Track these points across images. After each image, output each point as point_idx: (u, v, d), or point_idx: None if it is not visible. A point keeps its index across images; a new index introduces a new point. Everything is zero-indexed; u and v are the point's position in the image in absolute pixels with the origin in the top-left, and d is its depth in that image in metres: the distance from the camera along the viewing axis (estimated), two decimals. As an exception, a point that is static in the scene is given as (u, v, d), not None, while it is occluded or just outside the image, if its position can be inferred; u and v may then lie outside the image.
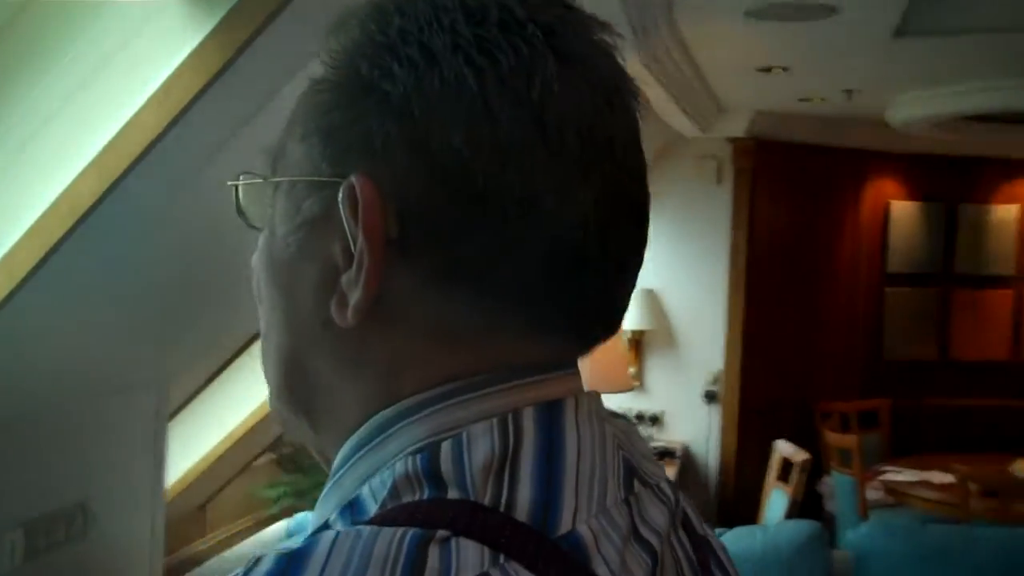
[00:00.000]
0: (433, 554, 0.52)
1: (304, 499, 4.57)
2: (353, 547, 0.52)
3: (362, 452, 0.62)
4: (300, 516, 3.42)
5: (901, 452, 6.10)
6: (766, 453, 5.17)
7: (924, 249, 6.91)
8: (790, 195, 6.28)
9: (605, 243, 0.62)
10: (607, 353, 4.26)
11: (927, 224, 6.91)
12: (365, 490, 0.60)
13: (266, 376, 0.71)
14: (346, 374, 0.64)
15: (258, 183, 0.71)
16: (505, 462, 0.58)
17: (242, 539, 3.80)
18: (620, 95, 0.65)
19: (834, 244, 6.74)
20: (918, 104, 5.45)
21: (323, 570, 0.51)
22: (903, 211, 6.85)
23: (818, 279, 6.64)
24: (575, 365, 0.66)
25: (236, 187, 0.73)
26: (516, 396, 0.61)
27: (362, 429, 0.63)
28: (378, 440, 0.62)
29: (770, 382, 6.27)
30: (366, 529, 0.53)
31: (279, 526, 3.41)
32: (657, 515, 0.64)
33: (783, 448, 5.05)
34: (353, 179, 0.60)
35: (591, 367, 0.68)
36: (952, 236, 6.96)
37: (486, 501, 0.56)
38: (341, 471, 0.63)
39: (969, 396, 6.88)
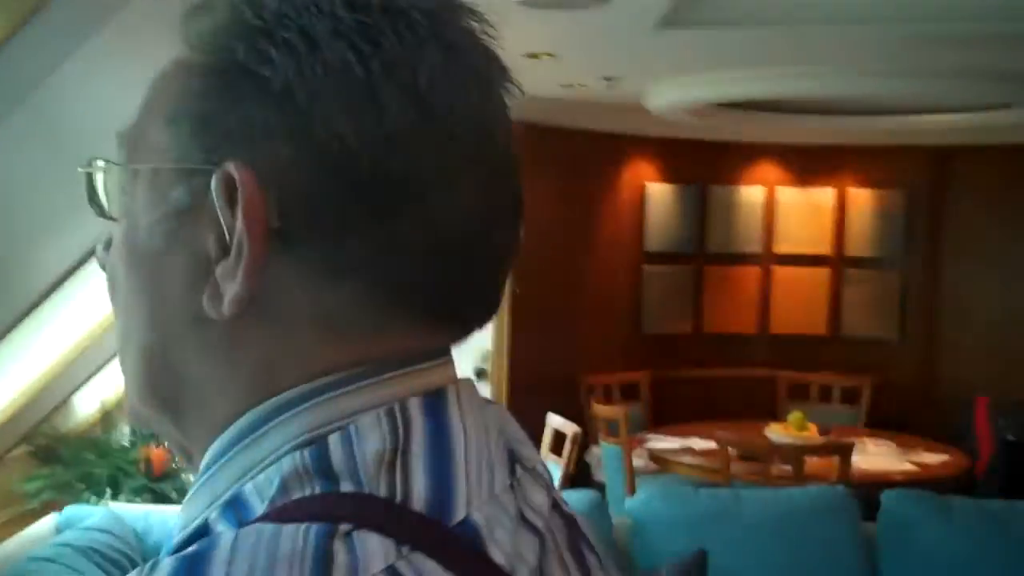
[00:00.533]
0: (339, 549, 0.51)
1: (65, 493, 4.36)
2: (256, 546, 0.51)
3: (236, 448, 0.60)
4: (70, 511, 3.26)
5: (661, 421, 6.40)
6: (538, 427, 5.32)
7: (679, 229, 7.24)
8: (556, 178, 6.45)
9: (488, 233, 0.62)
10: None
11: (681, 205, 7.24)
12: (248, 487, 0.58)
13: (125, 373, 0.68)
14: (218, 369, 0.62)
15: (115, 169, 0.67)
16: (396, 453, 0.57)
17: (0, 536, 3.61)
18: (497, 85, 0.64)
19: (596, 225, 6.98)
20: (674, 91, 5.71)
21: (228, 572, 0.50)
22: (659, 192, 7.16)
23: (581, 258, 6.86)
24: (450, 353, 0.66)
25: (89, 174, 0.68)
26: (398, 386, 0.60)
27: (235, 425, 0.60)
28: (253, 436, 0.59)
29: (538, 358, 6.44)
30: (266, 527, 0.52)
31: (47, 522, 3.25)
32: (538, 498, 0.65)
33: (554, 421, 5.21)
34: (231, 167, 0.58)
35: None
36: (704, 216, 7.33)
37: (381, 493, 0.55)
38: (212, 468, 0.61)
39: (720, 366, 7.30)
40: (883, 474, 4.97)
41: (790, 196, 7.43)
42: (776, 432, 5.51)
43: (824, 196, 7.42)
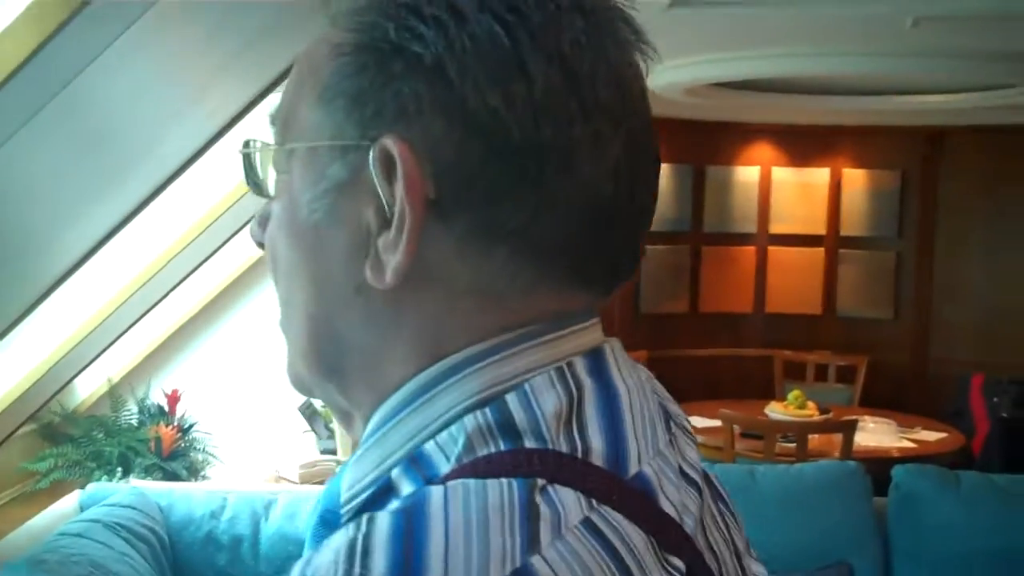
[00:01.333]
0: (540, 502, 0.53)
1: (75, 472, 4.37)
2: (467, 499, 0.52)
3: (407, 411, 0.62)
4: (93, 488, 3.27)
5: (661, 401, 6.42)
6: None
7: (675, 208, 7.27)
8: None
9: (632, 192, 0.64)
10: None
11: (678, 184, 7.28)
12: (429, 446, 0.60)
13: (289, 343, 0.70)
14: (383, 336, 0.64)
15: (271, 150, 0.69)
16: (572, 411, 0.59)
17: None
18: (634, 47, 0.66)
19: (593, 204, 6.99)
20: (672, 71, 5.72)
21: (446, 523, 0.51)
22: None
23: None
24: (597, 312, 0.68)
25: (247, 155, 0.71)
26: (561, 347, 0.62)
27: (405, 388, 0.63)
28: (425, 398, 0.62)
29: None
30: (470, 481, 0.54)
31: (71, 500, 3.26)
32: (692, 453, 0.68)
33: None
34: (388, 142, 0.60)
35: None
36: (701, 196, 7.37)
37: (564, 449, 0.57)
38: (383, 429, 0.63)
39: (717, 346, 7.35)
40: (883, 451, 5.03)
41: (786, 176, 7.47)
42: (776, 410, 5.56)
43: (819, 176, 7.47)
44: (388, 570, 0.49)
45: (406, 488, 0.60)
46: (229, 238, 3.96)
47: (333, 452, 4.49)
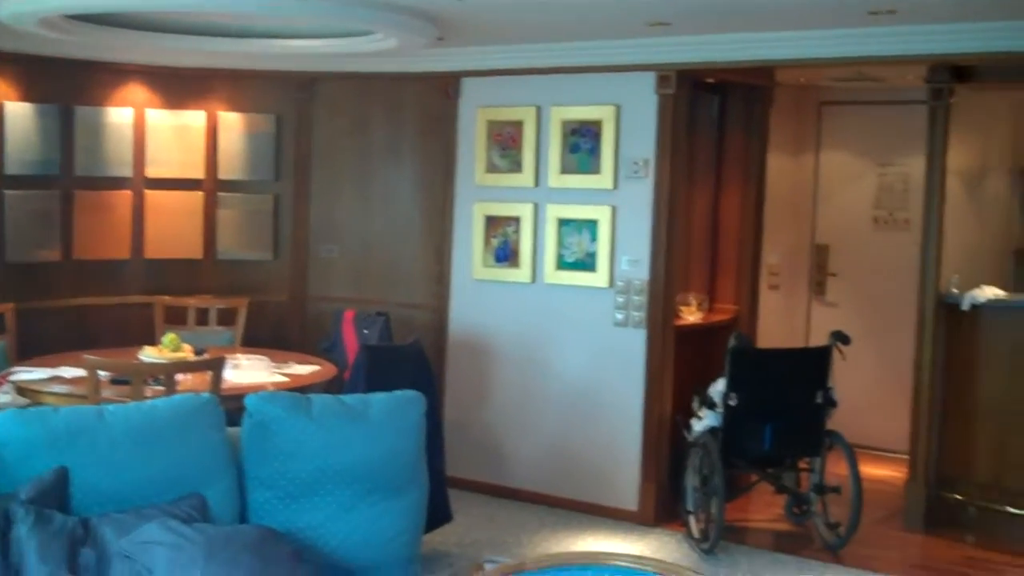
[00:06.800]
0: None
1: None
2: None
3: None
4: None
5: (30, 353, 6.05)
6: None
7: (42, 152, 6.81)
8: None
9: None
10: None
11: (45, 126, 6.82)
12: None
13: None
14: None
15: None
16: None
17: None
18: None
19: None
20: (21, 1, 5.33)
21: None
22: (18, 112, 6.67)
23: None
24: None
25: None
26: None
27: None
28: None
29: None
30: None
31: None
32: None
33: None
34: None
35: None
36: (70, 139, 6.96)
37: None
38: None
39: (95, 295, 7.06)
40: (256, 386, 5.13)
41: (161, 119, 7.30)
42: (150, 355, 5.47)
43: (196, 119, 7.39)
44: None
45: None
46: None
47: None
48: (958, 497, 6.45)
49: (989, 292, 6.38)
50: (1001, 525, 6.25)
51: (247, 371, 5.58)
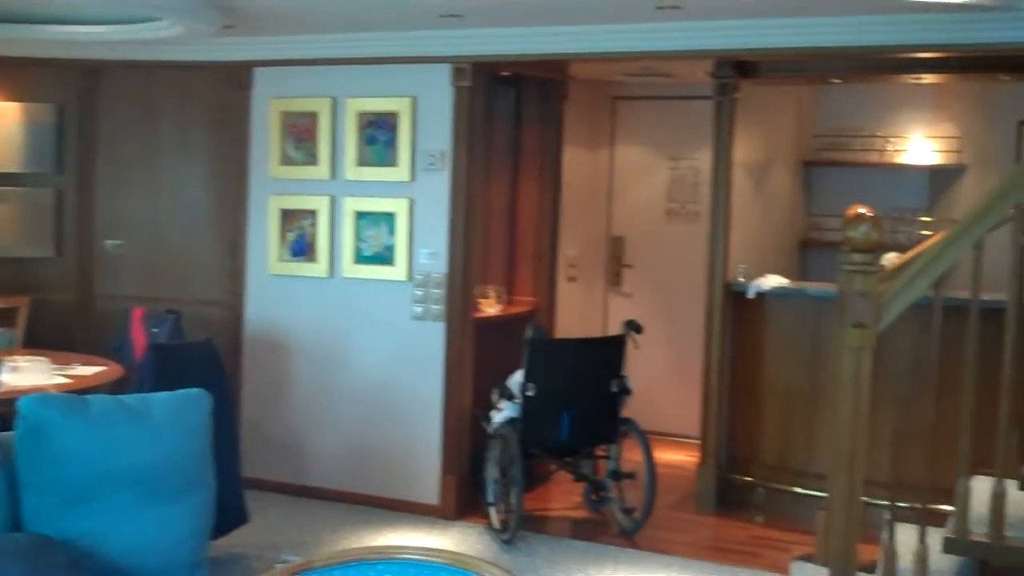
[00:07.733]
0: None
1: None
2: None
3: None
4: None
5: None
6: None
7: None
8: None
9: None
10: None
11: None
12: None
13: None
14: None
15: None
16: None
17: None
18: None
19: None
20: None
21: None
22: None
23: None
24: None
25: None
26: None
27: None
28: None
29: None
30: None
31: None
32: None
33: None
34: None
35: None
36: None
37: None
38: None
39: None
40: (34, 389, 4.86)
41: (-72, 108, 6.86)
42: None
43: (-31, 110, 6.98)
44: None
45: None
46: None
47: None
48: (747, 479, 6.72)
49: (773, 281, 6.66)
50: (788, 504, 6.54)
51: (26, 373, 5.29)
